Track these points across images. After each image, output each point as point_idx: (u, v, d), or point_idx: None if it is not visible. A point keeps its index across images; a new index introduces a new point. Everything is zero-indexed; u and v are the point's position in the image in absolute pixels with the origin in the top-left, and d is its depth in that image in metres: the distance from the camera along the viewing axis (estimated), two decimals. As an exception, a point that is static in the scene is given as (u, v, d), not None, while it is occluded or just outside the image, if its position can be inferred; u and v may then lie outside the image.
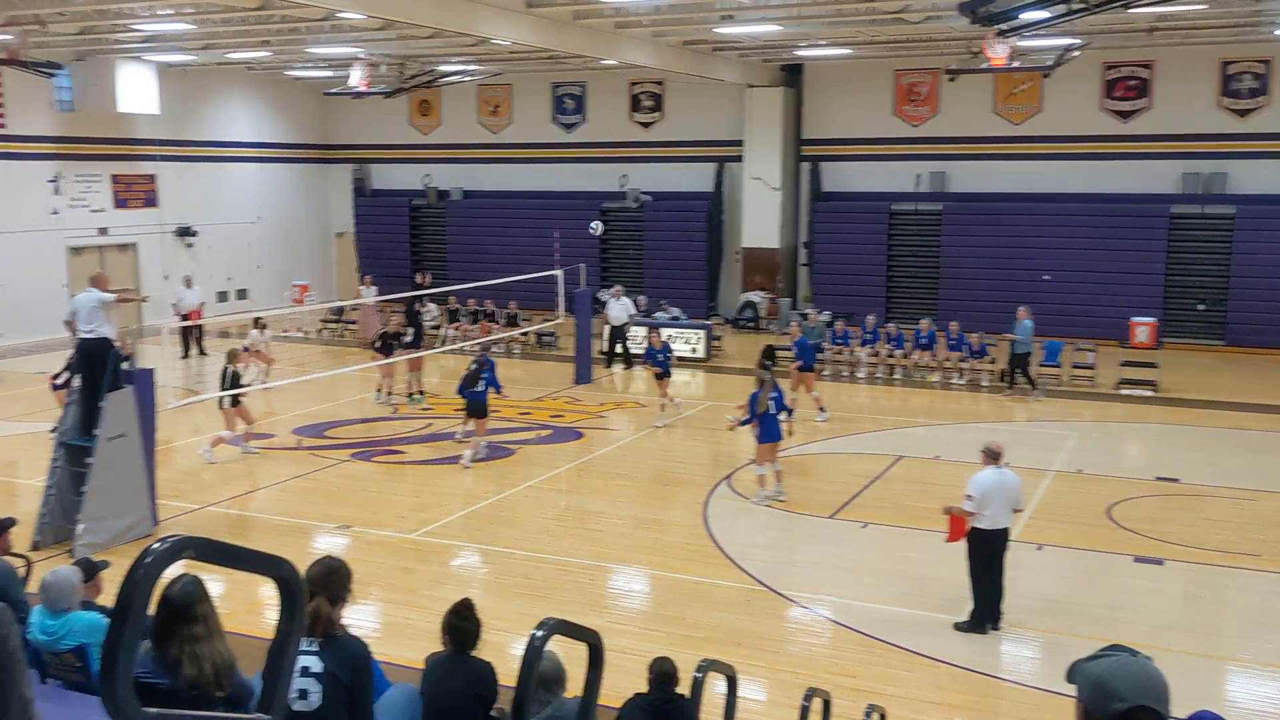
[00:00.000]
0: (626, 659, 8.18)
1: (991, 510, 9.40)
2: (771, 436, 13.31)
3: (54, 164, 26.55)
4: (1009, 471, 9.66)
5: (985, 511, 9.39)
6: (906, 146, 27.68)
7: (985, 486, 9.37)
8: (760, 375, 13.69)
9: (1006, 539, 9.67)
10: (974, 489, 9.38)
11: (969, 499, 9.39)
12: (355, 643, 4.65)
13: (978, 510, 9.38)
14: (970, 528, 9.51)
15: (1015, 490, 9.57)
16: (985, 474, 9.47)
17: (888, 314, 26.44)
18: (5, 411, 18.85)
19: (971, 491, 9.39)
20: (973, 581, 9.63)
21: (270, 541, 11.50)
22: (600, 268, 29.87)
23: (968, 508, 9.41)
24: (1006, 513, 9.53)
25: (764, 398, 13.18)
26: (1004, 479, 9.49)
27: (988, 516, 9.41)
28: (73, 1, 17.95)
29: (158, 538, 2.66)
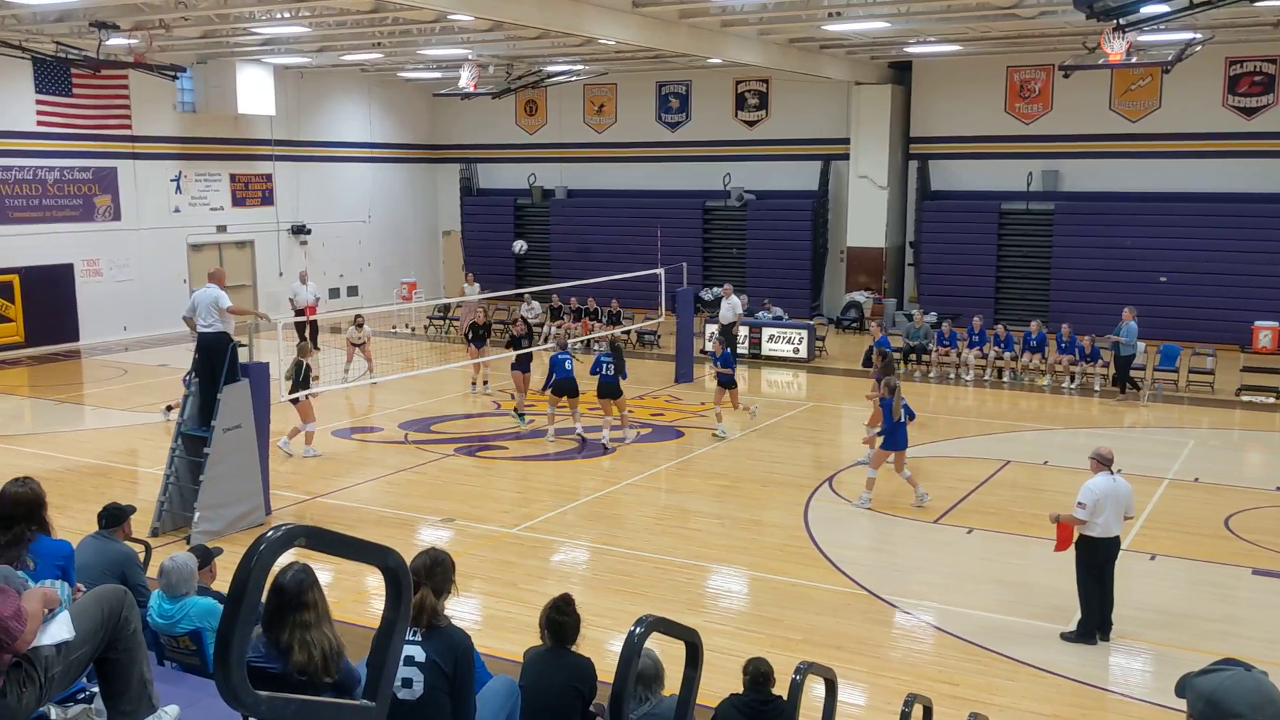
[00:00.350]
0: (724, 659, 8.17)
1: (1103, 518, 9.16)
2: (901, 444, 13.11)
3: (176, 163, 27.54)
4: (1121, 478, 9.40)
5: (1097, 520, 9.15)
6: (1018, 144, 27.08)
7: (1098, 493, 9.12)
8: (890, 382, 13.47)
9: (1117, 548, 9.42)
10: (1086, 496, 9.14)
11: (1080, 506, 9.15)
12: (458, 634, 4.73)
13: (1090, 518, 9.14)
14: (1079, 535, 9.28)
15: (1127, 497, 9.31)
16: (1097, 480, 9.22)
17: (996, 315, 25.92)
18: (128, 401, 19.60)
19: (1083, 499, 9.15)
20: (1081, 590, 9.39)
21: (376, 533, 11.77)
22: (702, 267, 29.88)
23: (1079, 515, 9.17)
24: (1118, 520, 9.28)
25: (898, 405, 13.03)
26: (1116, 486, 9.24)
27: (1099, 524, 9.16)
28: (196, 6, 18.57)
29: (270, 526, 2.74)
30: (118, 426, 17.96)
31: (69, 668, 3.81)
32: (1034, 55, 25.85)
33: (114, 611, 4.01)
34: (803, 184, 29.64)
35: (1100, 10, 14.67)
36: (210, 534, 11.46)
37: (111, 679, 4.07)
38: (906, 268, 29.12)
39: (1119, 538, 9.40)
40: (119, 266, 26.37)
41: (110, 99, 25.79)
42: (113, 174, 26.18)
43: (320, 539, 2.83)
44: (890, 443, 13.13)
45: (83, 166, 25.58)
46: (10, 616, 3.35)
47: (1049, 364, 20.94)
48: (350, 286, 32.12)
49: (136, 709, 4.10)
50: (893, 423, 13.05)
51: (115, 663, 4.04)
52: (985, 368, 21.48)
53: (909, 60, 27.70)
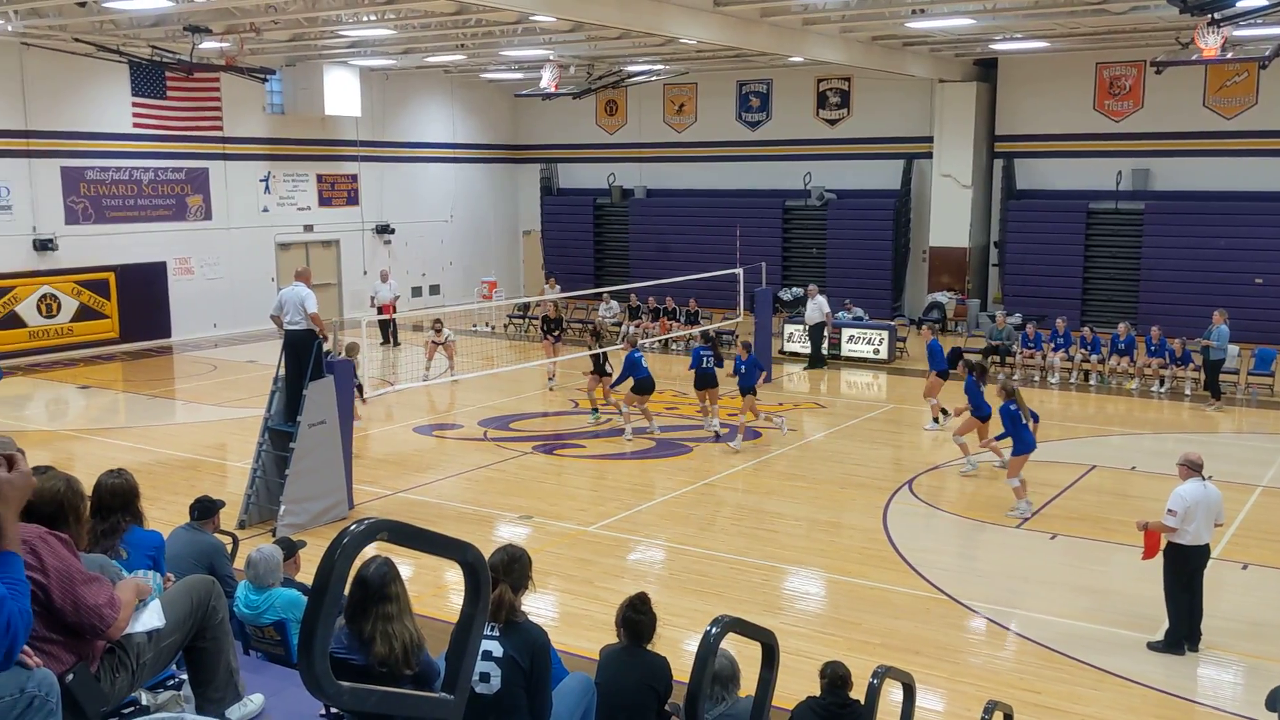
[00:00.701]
0: (800, 661, 8.12)
1: (1194, 526, 8.92)
2: (1028, 447, 12.87)
3: (265, 164, 28.16)
4: (1212, 485, 9.14)
5: (1188, 527, 8.91)
6: (1107, 142, 26.49)
7: (1188, 501, 8.89)
8: (1006, 385, 13.23)
9: (1207, 556, 9.17)
10: (1176, 503, 8.91)
11: (1170, 514, 8.92)
12: (535, 630, 4.76)
13: (1180, 525, 8.91)
14: (1168, 543, 9.05)
15: (1218, 505, 9.05)
16: (1188, 487, 8.98)
17: (1083, 317, 25.39)
18: (218, 396, 20.09)
19: (1173, 506, 8.92)
20: (1169, 599, 9.16)
21: (455, 528, 11.91)
22: (781, 267, 29.72)
23: (1169, 523, 8.94)
24: (1208, 528, 9.03)
25: (1024, 408, 12.83)
26: (1207, 493, 8.98)
27: (1189, 532, 8.92)
28: (285, 9, 18.98)
29: (353, 520, 2.79)
30: (207, 421, 18.42)
31: (159, 655, 3.92)
32: (1124, 51, 25.25)
33: (202, 601, 4.12)
34: (884, 183, 29.32)
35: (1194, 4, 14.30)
36: (295, 527, 11.70)
37: (199, 667, 4.17)
38: (990, 268, 28.65)
39: (1209, 546, 9.15)
40: (209, 265, 27.05)
41: (203, 101, 26.46)
42: (204, 174, 26.87)
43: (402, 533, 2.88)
44: (1022, 447, 12.84)
45: (176, 167, 26.29)
46: (104, 604, 3.46)
47: (1137, 367, 20.45)
48: (432, 285, 32.55)
49: (223, 696, 4.20)
50: (1015, 427, 12.80)
51: (203, 651, 4.14)
52: (1071, 370, 21.04)
53: (994, 57, 27.25)
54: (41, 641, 3.24)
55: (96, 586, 3.47)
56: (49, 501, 3.80)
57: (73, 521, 3.82)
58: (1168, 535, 9.02)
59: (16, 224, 23.48)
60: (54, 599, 3.33)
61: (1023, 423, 12.85)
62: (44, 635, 3.31)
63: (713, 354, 17.10)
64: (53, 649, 3.33)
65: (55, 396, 20.80)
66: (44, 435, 17.09)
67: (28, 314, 23.60)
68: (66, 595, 3.35)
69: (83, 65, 23.00)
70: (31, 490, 2.94)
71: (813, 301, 22.93)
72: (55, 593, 3.33)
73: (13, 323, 23.36)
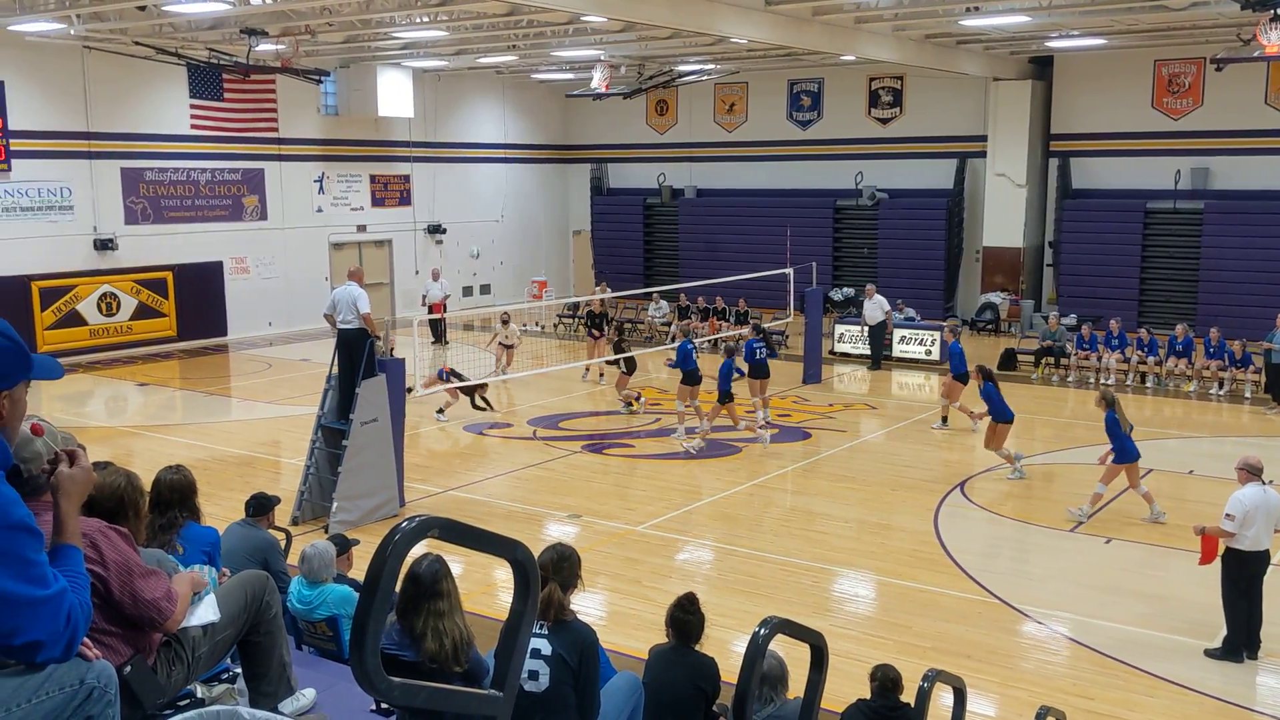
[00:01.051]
0: (849, 663, 8.08)
1: (1253, 531, 8.75)
2: (1131, 456, 12.58)
3: (319, 165, 28.50)
4: (1272, 489, 8.97)
5: (1247, 532, 8.75)
6: (1165, 141, 26.05)
7: (1247, 505, 8.72)
8: (1107, 395, 12.89)
9: (1267, 562, 8.98)
10: (1235, 508, 8.75)
11: (1229, 518, 8.76)
12: (584, 628, 4.78)
13: (1238, 530, 8.75)
14: (1226, 548, 8.89)
15: (1279, 509, 8.88)
16: (1247, 491, 8.82)
17: (1139, 318, 24.99)
18: (272, 394, 20.36)
19: (1232, 510, 8.76)
20: (1227, 606, 8.99)
21: (504, 526, 11.96)
22: (832, 267, 29.56)
23: (1227, 528, 8.78)
24: (1268, 533, 8.85)
25: (1123, 417, 12.56)
26: (1267, 497, 8.82)
27: (1248, 537, 8.76)
28: (339, 12, 19.19)
29: (404, 517, 2.82)
30: (261, 418, 18.68)
31: (214, 648, 3.98)
32: (1184, 48, 24.82)
33: (256, 596, 4.18)
34: (937, 182, 29.06)
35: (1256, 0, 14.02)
36: (347, 524, 11.82)
37: (253, 661, 4.23)
38: (1045, 268, 28.29)
39: (1269, 552, 8.98)
40: (265, 264, 27.42)
41: (259, 103, 26.83)
42: (260, 175, 27.24)
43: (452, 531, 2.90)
44: (1123, 456, 12.58)
45: (232, 168, 26.67)
46: (161, 597, 3.52)
47: (1195, 369, 20.09)
48: (483, 285, 32.75)
49: (276, 690, 4.26)
50: (1121, 437, 12.53)
51: (257, 645, 4.20)
52: (1128, 372, 20.72)
53: (1050, 55, 26.90)
54: (100, 634, 3.31)
55: (154, 580, 3.53)
56: (110, 496, 3.88)
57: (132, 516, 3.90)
58: (1225, 540, 8.87)
59: (78, 224, 23.95)
60: (113, 592, 3.40)
61: (1123, 432, 12.52)
62: (103, 628, 3.37)
63: (764, 344, 17.53)
64: (111, 641, 3.39)
65: (114, 393, 21.20)
66: (103, 431, 17.41)
67: (88, 312, 24.07)
68: (125, 588, 3.42)
69: (142, 68, 23.41)
70: (92, 485, 3.00)
71: (871, 301, 22.70)
72: (114, 586, 3.40)
73: (74, 321, 23.83)
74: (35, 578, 2.60)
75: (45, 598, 2.62)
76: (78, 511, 2.85)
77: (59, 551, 2.74)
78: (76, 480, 2.82)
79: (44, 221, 23.39)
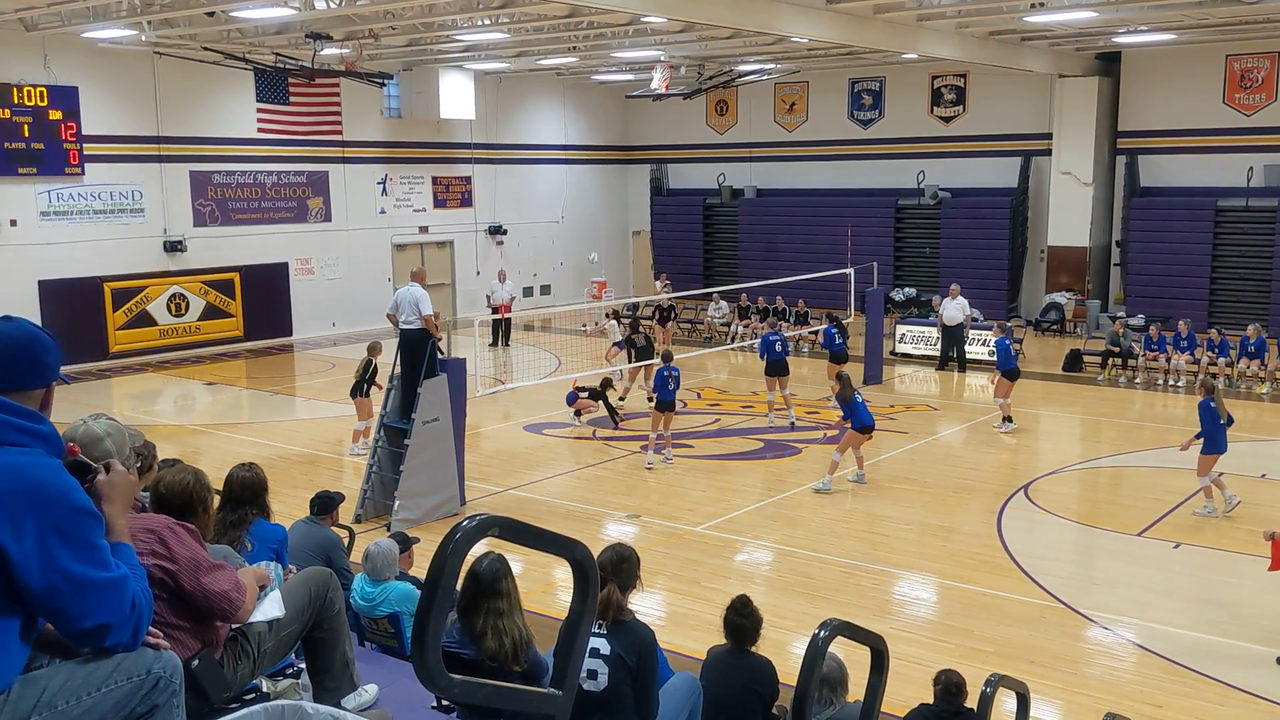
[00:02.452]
0: (910, 667, 8.00)
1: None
2: (1218, 448, 12.50)
3: (382, 167, 28.83)
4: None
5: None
6: (1237, 137, 25.46)
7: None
8: (1208, 383, 12.94)
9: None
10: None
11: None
12: (643, 629, 4.78)
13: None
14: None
15: None
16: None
17: (1210, 319, 24.45)
18: (336, 394, 20.62)
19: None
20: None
21: (564, 526, 12.01)
22: (893, 267, 29.29)
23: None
24: None
25: (1221, 406, 12.46)
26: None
27: None
28: (402, 15, 19.39)
29: (465, 516, 2.84)
30: (326, 417, 18.93)
31: (279, 644, 4.04)
32: (1257, 42, 24.25)
33: (320, 592, 4.23)
34: (1001, 181, 28.67)
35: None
36: (408, 522, 11.94)
37: (317, 656, 4.29)
38: (1112, 268, 27.80)
39: None
40: (329, 265, 27.80)
41: (323, 106, 27.21)
42: (324, 177, 27.62)
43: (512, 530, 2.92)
44: (1212, 446, 12.48)
45: (298, 171, 27.07)
46: (231, 589, 3.59)
47: (1268, 371, 19.62)
48: (543, 285, 32.92)
49: (339, 686, 4.31)
50: (1214, 425, 12.42)
51: (321, 641, 4.26)
52: (1197, 373, 20.28)
53: (1117, 51, 26.42)
54: (168, 628, 3.38)
55: (223, 573, 3.60)
56: (179, 494, 3.96)
57: (200, 513, 3.98)
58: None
59: (149, 226, 24.46)
60: (183, 586, 3.47)
61: (1220, 422, 12.41)
62: (171, 622, 3.44)
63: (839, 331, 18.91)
64: (179, 635, 3.46)
65: (183, 392, 21.61)
66: (172, 429, 17.76)
67: (158, 313, 24.56)
68: (195, 582, 3.49)
69: (210, 73, 23.84)
70: (136, 487, 3.07)
71: (954, 301, 22.35)
72: (184, 580, 3.47)
73: (144, 321, 24.33)
74: (100, 561, 2.68)
75: (111, 580, 2.69)
76: (123, 513, 2.93)
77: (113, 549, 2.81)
78: (115, 485, 2.91)
79: (116, 224, 23.91)
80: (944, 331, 22.53)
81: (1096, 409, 18.81)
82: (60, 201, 23.00)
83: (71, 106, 22.82)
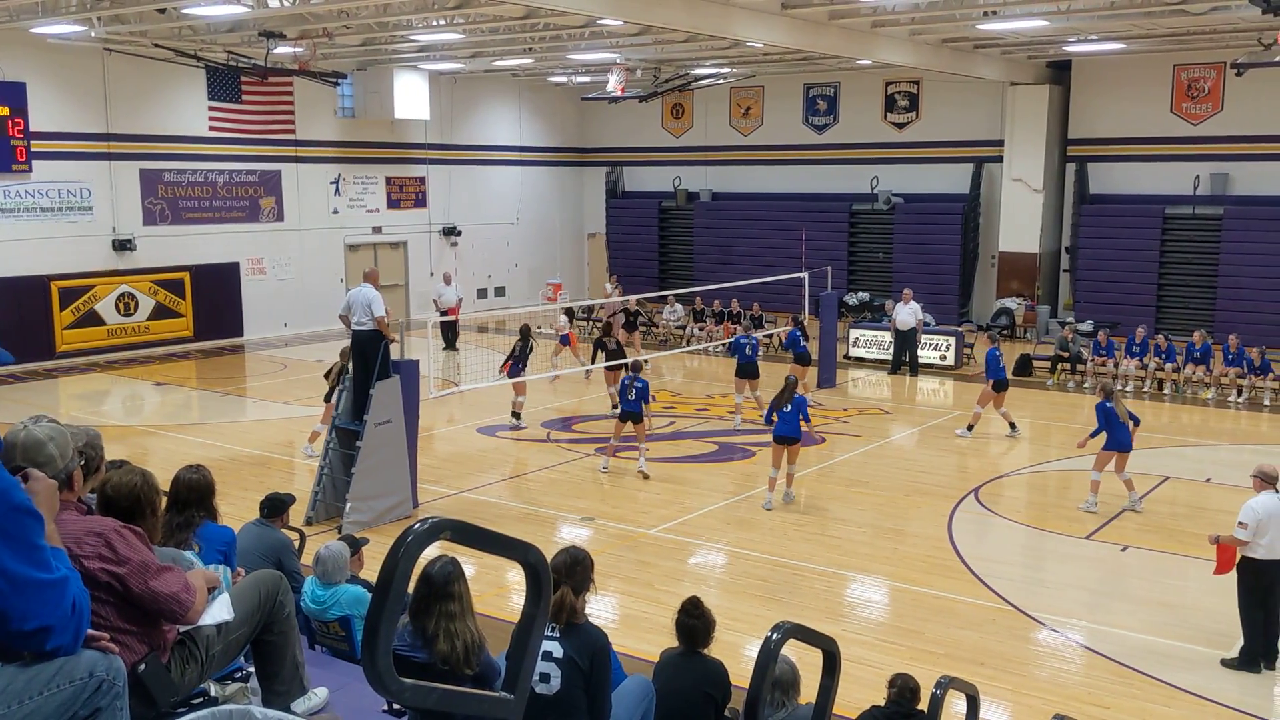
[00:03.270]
0: (862, 669, 8.06)
1: (1268, 539, 8.68)
2: (1124, 446, 12.94)
3: (335, 166, 28.59)
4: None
5: (1261, 541, 8.68)
6: (1185, 146, 25.92)
7: (1260, 513, 8.66)
8: (1106, 386, 13.58)
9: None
10: (1247, 516, 8.69)
11: (1241, 526, 8.71)
12: (596, 632, 4.77)
13: (1251, 539, 8.68)
14: (1242, 558, 8.82)
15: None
16: (1261, 499, 8.75)
17: (1157, 324, 24.86)
18: (287, 395, 20.43)
19: (1244, 518, 8.70)
20: (1244, 615, 8.93)
21: (518, 529, 11.98)
22: (847, 271, 29.51)
23: (1240, 536, 8.72)
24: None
25: (1120, 407, 12.95)
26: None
27: (1263, 546, 8.69)
28: (356, 15, 19.25)
29: (417, 519, 2.82)
30: (277, 419, 18.74)
31: (228, 647, 3.99)
32: (1204, 53, 24.69)
33: (270, 595, 4.19)
34: (953, 187, 28.98)
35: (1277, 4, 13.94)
36: (360, 525, 11.85)
37: (266, 660, 4.24)
38: (1062, 274, 28.18)
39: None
40: (281, 265, 27.52)
41: (276, 105, 26.94)
42: (277, 177, 27.34)
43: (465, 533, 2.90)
44: (1115, 444, 12.95)
45: (249, 170, 26.78)
46: (180, 590, 3.54)
47: (1214, 376, 19.98)
48: (498, 287, 32.80)
49: (289, 689, 4.27)
50: (1110, 425, 12.94)
51: (270, 645, 4.21)
52: (1145, 379, 20.61)
53: (1068, 59, 26.81)
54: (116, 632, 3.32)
55: (171, 575, 3.55)
56: (125, 495, 3.89)
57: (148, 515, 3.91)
58: (1241, 549, 8.80)
59: (97, 224, 24.08)
60: (131, 589, 3.42)
61: (1120, 422, 12.88)
62: (118, 626, 3.39)
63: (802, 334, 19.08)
64: (126, 639, 3.41)
65: (131, 393, 21.30)
66: (120, 430, 17.49)
67: (106, 312, 24.18)
68: (143, 585, 3.43)
69: (162, 70, 23.54)
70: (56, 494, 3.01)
71: (907, 306, 22.50)
72: (133, 583, 3.42)
73: (92, 321, 23.95)
74: (41, 561, 2.64)
75: (52, 581, 2.65)
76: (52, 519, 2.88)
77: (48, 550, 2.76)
78: (37, 494, 2.85)
79: (64, 222, 23.52)
80: (896, 336, 22.72)
81: (1046, 413, 19.05)
82: (7, 199, 22.57)
83: (19, 103, 22.41)
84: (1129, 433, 12.97)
